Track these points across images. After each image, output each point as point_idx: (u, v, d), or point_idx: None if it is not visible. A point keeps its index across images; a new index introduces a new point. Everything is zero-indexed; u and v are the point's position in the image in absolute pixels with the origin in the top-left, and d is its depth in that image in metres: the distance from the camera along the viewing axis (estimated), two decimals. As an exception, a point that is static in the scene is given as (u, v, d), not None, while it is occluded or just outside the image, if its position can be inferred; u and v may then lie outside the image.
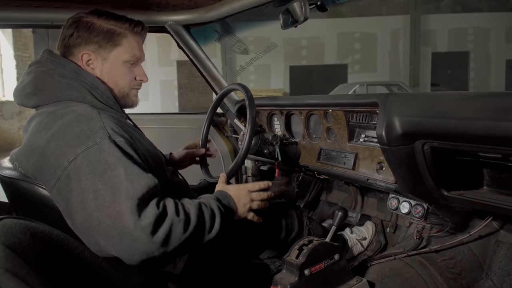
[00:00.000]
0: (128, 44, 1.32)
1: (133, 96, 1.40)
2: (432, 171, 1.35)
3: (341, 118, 1.70)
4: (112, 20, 1.30)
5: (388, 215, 2.16)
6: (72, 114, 1.15)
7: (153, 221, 1.01)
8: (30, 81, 1.26)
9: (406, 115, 1.30)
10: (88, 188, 1.03)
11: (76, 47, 1.28)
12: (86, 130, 1.10)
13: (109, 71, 1.32)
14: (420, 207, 1.54)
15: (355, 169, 1.64)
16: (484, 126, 1.10)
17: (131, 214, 0.99)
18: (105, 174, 1.04)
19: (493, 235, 1.70)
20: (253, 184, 1.42)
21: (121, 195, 1.01)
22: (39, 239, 0.77)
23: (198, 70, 2.24)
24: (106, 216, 1.00)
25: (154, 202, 1.05)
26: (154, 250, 1.01)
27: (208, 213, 1.17)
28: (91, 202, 1.01)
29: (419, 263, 1.66)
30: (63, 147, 1.07)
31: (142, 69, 1.40)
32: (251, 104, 1.63)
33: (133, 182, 1.03)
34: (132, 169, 1.06)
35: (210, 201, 1.23)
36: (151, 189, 1.06)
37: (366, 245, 2.11)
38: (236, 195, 1.34)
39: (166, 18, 2.00)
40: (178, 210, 1.09)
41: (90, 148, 1.06)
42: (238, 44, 2.10)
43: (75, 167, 1.05)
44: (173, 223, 1.05)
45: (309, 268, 1.29)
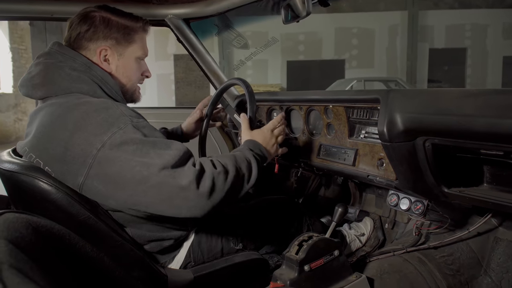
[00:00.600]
0: (140, 41, 1.38)
1: (138, 92, 1.46)
2: (433, 168, 1.35)
3: (341, 114, 1.70)
4: (126, 17, 1.35)
5: (387, 211, 2.16)
6: (88, 105, 1.16)
7: (195, 178, 1.08)
8: (39, 73, 1.25)
9: (408, 112, 1.30)
10: (123, 169, 1.08)
11: (93, 41, 1.30)
12: (107, 118, 1.13)
13: (124, 66, 1.36)
14: (420, 204, 1.54)
15: (355, 165, 1.64)
16: (487, 123, 1.10)
17: (171, 179, 1.07)
18: (135, 153, 1.09)
19: (491, 232, 1.70)
20: (272, 123, 1.52)
21: (155, 167, 1.07)
22: (41, 233, 0.76)
23: (197, 65, 2.23)
24: (149, 187, 1.07)
25: (189, 163, 1.12)
26: (204, 203, 1.10)
27: (244, 163, 1.25)
28: (131, 181, 1.08)
29: (418, 260, 1.66)
30: (88, 137, 1.10)
31: (147, 65, 1.46)
32: (252, 99, 1.62)
33: (164, 155, 1.10)
34: (159, 144, 1.12)
35: (244, 152, 1.31)
36: (182, 155, 1.13)
37: (364, 241, 2.11)
38: (263, 140, 1.45)
39: (166, 11, 1.99)
40: (214, 164, 1.17)
41: (116, 133, 1.10)
42: (238, 39, 2.09)
43: (104, 154, 1.08)
44: (214, 176, 1.12)
45: (308, 264, 1.29)
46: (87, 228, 1.14)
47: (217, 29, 2.18)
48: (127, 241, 1.23)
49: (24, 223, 0.74)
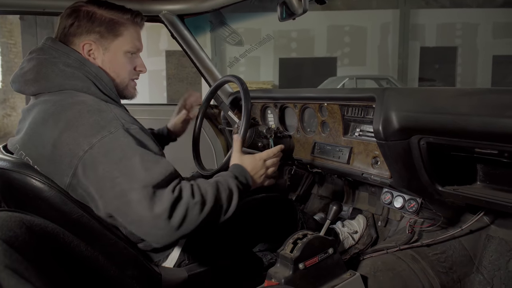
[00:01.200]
0: (129, 35, 1.32)
1: (131, 88, 1.41)
2: (427, 166, 1.36)
3: (336, 112, 1.70)
4: (113, 10, 1.30)
5: (380, 209, 2.17)
6: (81, 104, 1.14)
7: (169, 206, 1.03)
8: (32, 68, 1.23)
9: (403, 110, 1.30)
10: (105, 177, 1.05)
11: (77, 36, 1.27)
12: (99, 121, 1.10)
13: (110, 61, 1.31)
14: (414, 202, 1.54)
15: (349, 163, 1.64)
16: (482, 122, 1.10)
17: (148, 201, 1.02)
18: (121, 162, 1.05)
19: (484, 229, 1.72)
20: (267, 153, 1.44)
21: (137, 183, 1.03)
22: (35, 232, 0.75)
23: (191, 61, 2.21)
24: (125, 204, 1.03)
25: (170, 188, 1.07)
26: (172, 234, 1.05)
27: (225, 192, 1.18)
28: (109, 191, 1.04)
29: (411, 257, 1.67)
30: (77, 138, 1.08)
31: (141, 59, 1.40)
32: (247, 96, 1.62)
33: (149, 170, 1.06)
34: (148, 157, 1.08)
35: (228, 180, 1.23)
36: (167, 176, 1.08)
37: (357, 239, 2.12)
38: (252, 168, 1.36)
39: (160, 7, 1.97)
40: (193, 192, 1.10)
41: (105, 137, 1.07)
42: (233, 36, 2.08)
43: (91, 157, 1.06)
44: (188, 206, 1.07)
45: (303, 262, 1.29)
46: (81, 227, 1.12)
47: (211, 26, 2.16)
48: (121, 240, 1.22)
49: (18, 222, 0.72)
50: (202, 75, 2.27)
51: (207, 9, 1.93)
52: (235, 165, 1.35)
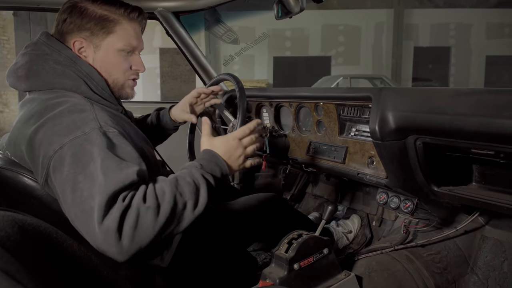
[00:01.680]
0: (122, 32, 1.25)
1: (128, 88, 1.34)
2: (423, 167, 1.35)
3: (332, 111, 1.69)
4: (106, 5, 1.24)
5: (374, 209, 2.17)
6: (65, 104, 1.10)
7: (118, 217, 0.91)
8: (24, 64, 1.21)
9: (400, 110, 1.29)
10: (69, 180, 0.98)
11: (69, 33, 1.23)
12: (77, 121, 1.05)
13: (101, 59, 1.26)
14: (409, 202, 1.54)
15: (345, 163, 1.64)
16: (479, 122, 1.10)
17: (99, 211, 0.92)
18: (87, 167, 0.97)
19: (478, 230, 1.72)
20: (242, 130, 1.24)
21: (94, 188, 0.94)
22: (27, 232, 0.73)
23: (186, 59, 2.20)
24: (81, 212, 0.95)
25: (122, 196, 0.95)
26: (126, 248, 0.92)
27: (189, 187, 1.03)
28: (69, 196, 0.97)
29: (405, 258, 1.67)
30: (50, 137, 1.04)
31: (139, 58, 1.33)
32: (242, 95, 1.60)
33: (107, 176, 0.95)
34: (111, 161, 0.98)
35: (192, 171, 1.08)
36: (126, 185, 0.96)
37: (351, 238, 2.12)
38: (225, 151, 1.18)
39: (156, 4, 1.95)
40: (146, 196, 0.97)
41: (78, 138, 1.02)
42: (228, 34, 2.06)
43: (60, 157, 1.00)
44: (139, 213, 0.93)
45: (298, 262, 1.29)
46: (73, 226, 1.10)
47: (206, 24, 2.14)
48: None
49: (10, 221, 0.71)
50: (197, 73, 2.26)
51: (202, 6, 1.92)
52: (204, 151, 1.18)
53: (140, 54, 1.36)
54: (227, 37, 2.09)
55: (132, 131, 1.27)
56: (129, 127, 1.26)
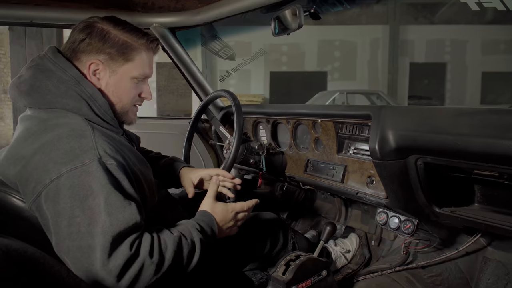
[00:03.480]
0: (140, 61, 1.24)
1: (132, 114, 1.32)
2: (424, 187, 1.32)
3: (330, 129, 1.66)
4: (128, 32, 1.22)
5: (373, 228, 2.13)
6: (64, 127, 1.07)
7: (123, 263, 0.94)
8: (28, 79, 1.17)
9: (400, 129, 1.27)
10: (65, 213, 0.96)
11: (86, 54, 1.19)
12: (75, 148, 1.02)
13: (115, 84, 1.23)
14: (410, 223, 1.50)
15: (344, 182, 1.60)
16: (484, 143, 1.07)
17: (102, 251, 0.93)
18: (86, 201, 0.97)
19: (480, 251, 1.68)
20: (241, 205, 1.33)
21: (96, 227, 0.95)
22: (12, 259, 0.69)
23: (182, 75, 2.17)
24: (77, 248, 0.94)
25: (129, 241, 0.97)
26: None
27: (187, 247, 1.10)
28: (64, 229, 0.96)
29: (406, 280, 1.62)
30: (47, 163, 1.00)
31: (147, 86, 1.33)
32: (239, 112, 1.58)
33: (111, 216, 0.96)
34: (115, 199, 0.99)
35: (192, 231, 1.14)
36: (130, 226, 0.99)
37: (350, 258, 2.07)
38: (221, 219, 1.27)
39: (152, 20, 1.93)
40: (152, 250, 1.01)
41: (77, 169, 0.99)
42: (225, 50, 2.04)
43: (56, 187, 0.98)
44: (143, 265, 0.98)
45: (296, 285, 1.25)
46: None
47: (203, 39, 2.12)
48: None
49: (-7, 248, 0.66)
50: (193, 89, 2.23)
51: (199, 22, 1.89)
52: (205, 213, 1.25)
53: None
54: (224, 53, 2.07)
55: (131, 156, 1.22)
56: (128, 152, 1.21)
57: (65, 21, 1.77)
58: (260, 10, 1.67)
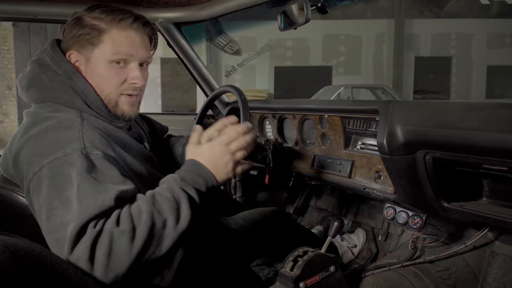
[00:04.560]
0: (111, 41, 1.12)
1: (123, 105, 1.18)
2: (433, 182, 1.31)
3: (337, 124, 1.65)
4: (100, 13, 1.12)
5: (380, 223, 2.12)
6: (52, 120, 1.04)
7: (89, 245, 0.83)
8: (27, 74, 1.16)
9: (409, 124, 1.26)
10: (44, 205, 0.90)
11: (66, 46, 1.17)
12: (60, 140, 0.98)
13: (92, 73, 1.15)
14: (418, 218, 1.50)
15: (351, 177, 1.59)
16: (493, 138, 1.06)
17: (70, 241, 0.84)
18: (65, 191, 0.90)
19: (488, 246, 1.67)
20: (229, 134, 1.09)
21: (68, 216, 0.86)
22: (20, 258, 0.69)
23: (188, 70, 2.16)
24: (55, 241, 0.87)
25: (93, 223, 0.86)
26: (101, 277, 0.84)
27: (168, 203, 0.93)
28: (45, 223, 0.90)
29: (413, 274, 1.62)
30: (31, 157, 0.97)
31: (136, 69, 1.16)
32: (245, 108, 1.57)
33: (82, 203, 0.87)
34: (89, 186, 0.90)
35: (171, 185, 0.98)
36: (103, 211, 0.88)
37: (356, 253, 2.07)
38: (210, 159, 1.05)
39: (157, 15, 1.92)
40: (119, 219, 0.88)
41: (58, 159, 0.93)
42: (231, 45, 2.03)
43: (38, 180, 0.93)
44: (112, 237, 0.85)
45: (304, 281, 1.25)
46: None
47: (208, 35, 2.11)
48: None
49: (1, 246, 0.67)
50: (199, 84, 2.22)
51: (204, 17, 1.88)
52: (186, 162, 1.06)
53: (144, 65, 1.22)
54: (230, 48, 2.06)
55: (130, 151, 1.15)
56: (126, 147, 1.15)
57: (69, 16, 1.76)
58: (266, 4, 1.66)
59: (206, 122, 2.45)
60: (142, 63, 1.20)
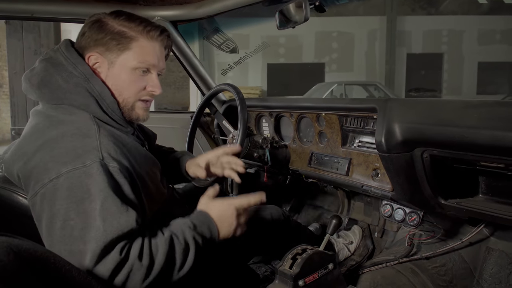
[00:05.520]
0: (138, 49, 1.17)
1: (139, 109, 1.24)
2: (430, 179, 1.33)
3: (334, 122, 1.66)
4: (126, 21, 1.17)
5: (376, 220, 2.14)
6: (69, 125, 1.06)
7: (112, 268, 0.91)
8: (39, 73, 1.15)
9: (406, 122, 1.27)
10: (60, 215, 0.94)
11: (86, 47, 1.18)
12: (78, 148, 1.00)
13: (114, 77, 1.18)
14: (415, 215, 1.51)
15: (349, 175, 1.60)
16: (491, 135, 1.07)
17: (92, 257, 0.90)
18: (82, 204, 0.94)
19: (483, 241, 1.69)
20: (240, 200, 1.20)
21: (90, 233, 0.92)
22: (24, 259, 0.68)
23: (184, 69, 2.15)
24: (68, 252, 0.92)
25: (119, 246, 0.94)
26: None
27: (180, 248, 1.03)
28: (57, 231, 0.93)
29: (410, 271, 1.64)
30: (48, 162, 0.98)
31: (155, 79, 1.24)
32: (243, 106, 1.57)
33: (106, 222, 0.93)
34: (112, 204, 0.95)
35: (185, 231, 1.07)
36: (124, 233, 0.95)
37: (353, 250, 2.08)
38: (219, 217, 1.15)
39: (153, 13, 1.91)
40: (142, 253, 0.96)
41: (77, 169, 0.97)
42: (227, 43, 2.03)
43: (54, 187, 0.96)
44: (132, 269, 0.93)
45: (303, 279, 1.25)
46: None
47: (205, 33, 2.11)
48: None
49: (5, 248, 0.66)
50: (195, 82, 2.22)
51: (201, 15, 1.87)
52: (198, 212, 1.17)
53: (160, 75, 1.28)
54: (226, 46, 2.06)
55: (138, 156, 1.19)
56: (135, 153, 1.18)
57: (66, 14, 1.76)
58: (262, 3, 1.66)
59: (202, 120, 2.46)
60: (159, 73, 1.26)
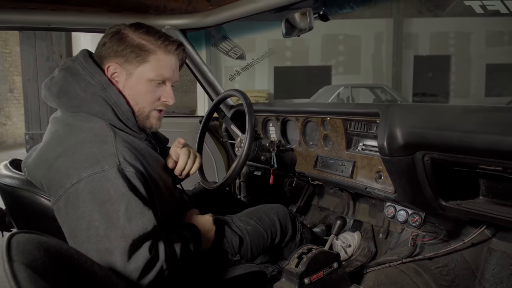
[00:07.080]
0: (156, 62, 1.24)
1: (153, 118, 1.31)
2: (431, 181, 1.37)
3: (339, 126, 1.71)
4: (146, 35, 1.24)
5: (380, 221, 2.17)
6: (87, 132, 1.13)
7: (143, 266, 1.03)
8: (58, 81, 1.22)
9: (408, 126, 1.32)
10: (84, 216, 1.02)
11: (106, 57, 1.24)
12: (96, 154, 1.07)
13: (131, 87, 1.25)
14: (417, 216, 1.55)
15: (353, 178, 1.65)
16: (489, 140, 1.12)
17: (122, 254, 1.01)
18: (104, 205, 1.03)
19: (485, 242, 1.73)
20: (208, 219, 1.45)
21: (115, 231, 1.01)
22: (52, 255, 0.74)
23: (193, 75, 2.21)
24: (95, 250, 1.01)
25: (147, 245, 1.05)
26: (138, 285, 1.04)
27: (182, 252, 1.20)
28: (83, 232, 1.02)
29: (413, 271, 1.68)
30: (69, 167, 1.06)
31: (170, 90, 1.31)
32: (251, 111, 1.63)
33: (131, 222, 1.03)
34: (134, 206, 1.05)
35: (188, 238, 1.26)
36: (148, 231, 1.06)
37: (350, 253, 2.10)
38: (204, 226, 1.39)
39: (163, 22, 1.97)
40: (168, 255, 1.11)
41: (96, 174, 1.04)
42: (235, 50, 2.09)
43: (76, 192, 1.03)
44: (161, 269, 1.08)
45: (308, 277, 1.30)
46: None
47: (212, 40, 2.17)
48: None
49: (36, 244, 0.72)
50: (205, 89, 2.28)
51: (209, 24, 1.93)
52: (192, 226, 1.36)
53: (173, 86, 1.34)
54: (234, 53, 2.11)
55: (151, 161, 1.26)
56: (149, 158, 1.25)
57: (81, 25, 1.83)
58: (269, 11, 1.71)
59: (210, 125, 2.51)
60: (173, 84, 1.34)
